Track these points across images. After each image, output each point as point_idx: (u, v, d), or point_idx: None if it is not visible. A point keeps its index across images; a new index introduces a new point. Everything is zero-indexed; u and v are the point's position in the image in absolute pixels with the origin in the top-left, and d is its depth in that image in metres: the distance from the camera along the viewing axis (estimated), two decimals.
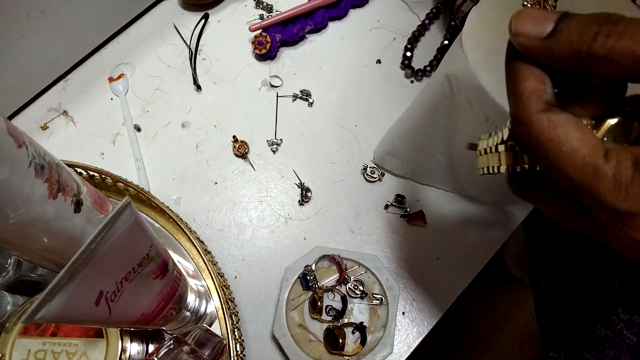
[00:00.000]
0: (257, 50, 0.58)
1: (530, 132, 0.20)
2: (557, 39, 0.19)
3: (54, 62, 0.57)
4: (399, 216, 0.52)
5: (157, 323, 0.37)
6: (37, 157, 0.31)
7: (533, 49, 0.20)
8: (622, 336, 0.50)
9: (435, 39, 0.61)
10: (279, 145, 0.55)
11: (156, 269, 0.33)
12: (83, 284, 0.27)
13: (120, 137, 0.56)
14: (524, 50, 0.20)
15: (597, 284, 0.54)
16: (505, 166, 0.24)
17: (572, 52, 0.18)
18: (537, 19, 0.20)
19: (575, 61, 0.19)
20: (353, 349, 0.44)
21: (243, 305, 0.48)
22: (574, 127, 0.19)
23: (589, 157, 0.18)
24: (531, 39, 0.20)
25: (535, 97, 0.20)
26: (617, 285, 0.51)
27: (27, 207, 0.30)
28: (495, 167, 0.24)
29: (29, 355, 0.37)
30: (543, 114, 0.19)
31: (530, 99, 0.20)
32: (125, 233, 0.28)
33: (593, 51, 0.18)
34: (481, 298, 1.19)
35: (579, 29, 0.18)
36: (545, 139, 0.19)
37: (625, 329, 0.49)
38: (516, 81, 0.21)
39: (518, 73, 0.21)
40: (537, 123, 0.19)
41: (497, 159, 0.24)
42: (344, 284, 0.46)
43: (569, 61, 0.19)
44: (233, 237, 0.51)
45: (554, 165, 0.19)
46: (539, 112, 0.20)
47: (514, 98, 0.21)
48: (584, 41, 0.18)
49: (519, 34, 0.20)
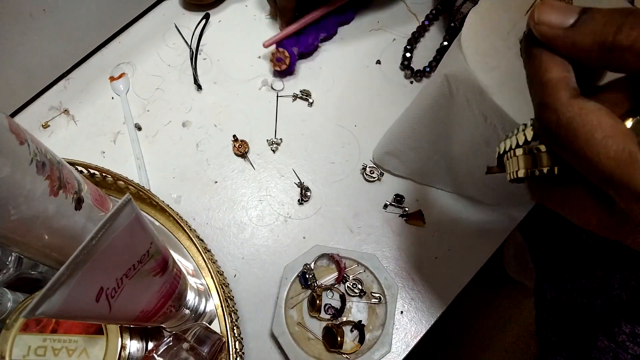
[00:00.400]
0: (277, 67, 0.57)
1: (560, 118, 0.19)
2: (580, 29, 0.19)
3: (56, 61, 0.57)
4: (398, 216, 0.52)
5: (156, 320, 0.37)
6: (39, 155, 0.32)
7: (555, 38, 0.20)
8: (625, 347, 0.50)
9: (434, 40, 0.61)
10: (278, 145, 0.55)
11: (156, 266, 0.33)
12: (84, 280, 0.27)
13: (121, 136, 0.56)
14: (545, 40, 0.20)
15: (604, 296, 0.54)
16: (523, 170, 0.23)
17: (596, 43, 0.18)
18: (561, 9, 0.20)
19: (599, 52, 0.18)
20: (351, 347, 0.44)
21: (242, 303, 0.48)
22: (605, 114, 0.18)
23: (623, 143, 0.18)
24: (554, 28, 0.20)
25: (564, 85, 0.20)
26: (624, 296, 0.51)
27: (28, 203, 0.31)
28: (514, 172, 0.24)
29: (29, 352, 0.38)
30: (573, 100, 0.19)
31: (559, 86, 0.20)
32: (126, 230, 0.29)
33: (618, 42, 0.18)
34: (481, 299, 1.19)
35: (603, 20, 0.18)
36: (577, 125, 0.19)
37: (628, 341, 0.49)
38: (540, 69, 0.20)
39: (541, 61, 0.21)
40: (568, 109, 0.19)
41: (516, 163, 0.24)
42: (342, 282, 0.47)
43: (592, 52, 0.19)
44: (233, 236, 0.51)
45: (586, 153, 0.19)
46: (569, 98, 0.19)
47: (541, 85, 0.20)
48: (609, 32, 0.18)
49: (542, 22, 0.20)
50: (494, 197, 0.50)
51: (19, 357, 0.37)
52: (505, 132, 0.36)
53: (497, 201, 0.51)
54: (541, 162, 0.22)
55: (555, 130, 0.20)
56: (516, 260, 1.10)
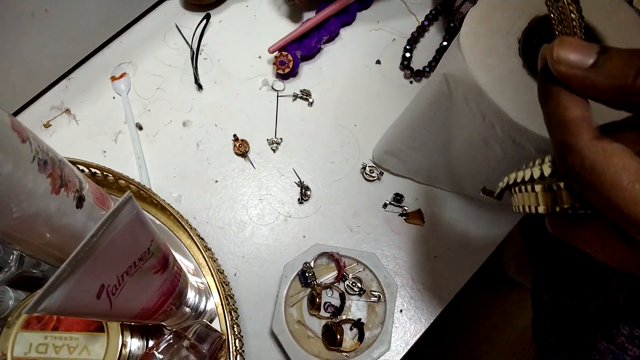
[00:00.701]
0: (280, 70, 0.57)
1: (584, 160, 0.19)
2: (599, 70, 0.19)
3: (57, 61, 0.57)
4: (398, 215, 0.52)
5: (157, 318, 0.37)
6: (41, 153, 0.32)
7: (574, 78, 0.19)
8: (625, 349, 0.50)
9: (434, 40, 0.61)
10: (279, 144, 0.55)
11: (157, 263, 0.33)
12: (85, 276, 0.27)
13: (122, 136, 0.56)
14: (563, 78, 0.20)
15: (602, 298, 0.54)
16: (543, 207, 0.23)
17: (614, 86, 0.18)
18: (581, 48, 0.19)
19: (616, 95, 0.18)
20: (351, 345, 0.44)
21: (242, 302, 0.49)
22: (629, 157, 0.18)
23: None
24: (573, 68, 0.19)
25: (586, 125, 0.19)
26: (621, 299, 0.51)
27: (30, 201, 0.31)
28: (533, 207, 0.23)
29: (31, 349, 0.38)
30: (597, 142, 0.19)
31: (581, 126, 0.19)
32: (127, 227, 0.29)
33: (636, 86, 0.18)
34: (481, 299, 1.19)
35: (621, 63, 0.18)
36: (602, 168, 0.18)
37: (627, 342, 0.49)
38: (559, 107, 0.20)
39: (561, 100, 0.20)
40: (591, 151, 0.19)
41: (535, 199, 0.23)
42: (342, 281, 0.47)
43: (609, 94, 0.19)
44: (233, 235, 0.51)
45: (611, 196, 0.18)
46: (592, 139, 0.19)
47: (562, 125, 0.20)
48: (628, 75, 0.18)
49: (561, 61, 0.20)
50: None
51: (20, 354, 0.38)
52: (503, 131, 0.36)
53: (496, 200, 0.51)
54: (562, 199, 0.22)
55: (578, 172, 0.19)
56: (516, 261, 1.10)
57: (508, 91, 0.35)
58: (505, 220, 0.52)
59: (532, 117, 0.34)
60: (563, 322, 0.63)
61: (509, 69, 0.36)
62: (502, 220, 0.52)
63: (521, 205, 0.24)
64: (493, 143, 0.39)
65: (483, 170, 0.45)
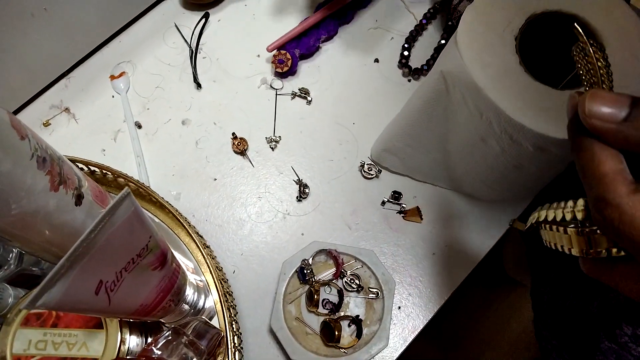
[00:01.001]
0: (279, 68, 0.57)
1: (622, 215, 0.19)
2: (633, 124, 0.19)
3: (57, 60, 0.58)
4: (396, 212, 0.52)
5: (155, 315, 0.37)
6: (39, 150, 0.32)
7: (608, 132, 0.19)
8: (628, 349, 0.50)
9: (432, 38, 0.62)
10: (277, 143, 0.56)
11: (155, 260, 0.34)
12: (83, 272, 0.27)
13: (121, 134, 0.56)
14: (596, 132, 0.20)
15: (601, 298, 0.54)
16: (577, 249, 0.23)
17: None
18: (613, 101, 0.19)
19: None
20: (349, 341, 0.44)
21: (241, 300, 0.49)
22: None
23: None
24: (606, 122, 0.19)
25: (621, 178, 0.19)
26: (622, 299, 0.51)
27: (29, 198, 0.31)
28: (566, 248, 0.24)
29: (30, 345, 0.38)
30: (634, 196, 0.19)
31: (617, 180, 0.19)
32: (125, 223, 0.29)
33: None
34: (481, 299, 1.19)
35: None
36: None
37: (631, 342, 0.49)
38: (593, 162, 0.20)
39: (594, 153, 0.20)
40: (630, 205, 0.19)
41: (568, 241, 0.23)
42: (340, 278, 0.47)
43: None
44: (232, 233, 0.52)
45: None
46: (629, 194, 0.19)
47: (597, 180, 0.20)
48: None
49: (594, 115, 0.20)
50: (490, 193, 0.50)
51: (20, 350, 0.38)
52: (500, 128, 0.37)
53: (494, 197, 0.51)
54: (597, 243, 0.22)
55: (617, 226, 0.19)
56: (516, 261, 1.11)
57: (505, 88, 0.35)
58: (503, 218, 0.52)
59: (528, 114, 0.34)
60: (563, 322, 0.63)
61: (505, 66, 0.36)
62: (500, 218, 0.52)
63: (553, 243, 0.25)
64: (490, 140, 0.39)
65: (481, 167, 0.45)
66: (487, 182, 0.48)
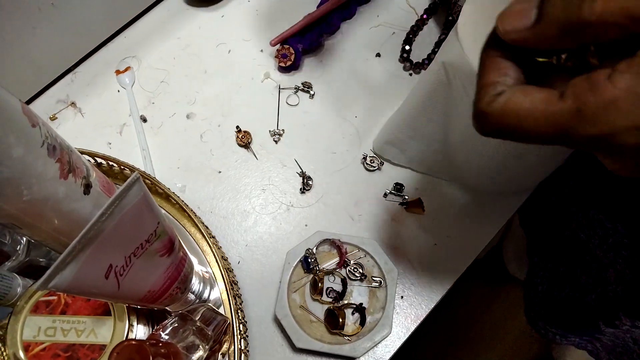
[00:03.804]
0: (282, 63, 0.58)
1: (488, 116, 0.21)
2: (544, 22, 0.19)
3: (63, 55, 0.58)
4: (398, 204, 0.53)
5: (163, 302, 0.38)
6: (50, 138, 0.33)
7: (526, 40, 0.20)
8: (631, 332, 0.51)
9: (433, 33, 0.62)
10: (281, 136, 0.56)
11: (162, 246, 0.34)
12: (94, 256, 0.28)
13: (126, 128, 0.57)
14: (518, 44, 0.20)
15: (599, 290, 0.55)
16: None
17: (564, 29, 0.18)
18: (519, 11, 0.20)
19: (570, 35, 0.18)
20: (353, 329, 0.45)
21: (246, 290, 0.49)
22: (519, 93, 0.19)
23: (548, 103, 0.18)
24: (521, 32, 0.20)
25: (491, 89, 0.21)
26: (620, 291, 0.52)
27: (39, 185, 0.32)
28: None
29: (40, 332, 0.39)
30: (494, 100, 0.20)
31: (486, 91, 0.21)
32: (134, 208, 0.30)
33: (583, 19, 0.17)
34: (481, 297, 1.19)
35: (562, 4, 0.18)
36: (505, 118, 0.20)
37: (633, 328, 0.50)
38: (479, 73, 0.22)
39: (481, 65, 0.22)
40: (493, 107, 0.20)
41: None
42: (344, 267, 0.48)
43: (564, 38, 0.19)
44: (236, 224, 0.52)
45: (525, 131, 0.19)
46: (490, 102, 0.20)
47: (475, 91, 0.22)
48: (572, 13, 0.18)
49: (507, 31, 0.20)
50: (491, 185, 0.51)
51: (29, 337, 0.39)
52: None
53: (495, 189, 0.52)
54: None
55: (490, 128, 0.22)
56: (516, 258, 1.11)
57: None
58: (504, 209, 0.53)
59: None
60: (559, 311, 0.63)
61: None
62: (500, 208, 0.53)
63: None
64: None
65: (481, 158, 0.45)
66: (488, 173, 0.48)
